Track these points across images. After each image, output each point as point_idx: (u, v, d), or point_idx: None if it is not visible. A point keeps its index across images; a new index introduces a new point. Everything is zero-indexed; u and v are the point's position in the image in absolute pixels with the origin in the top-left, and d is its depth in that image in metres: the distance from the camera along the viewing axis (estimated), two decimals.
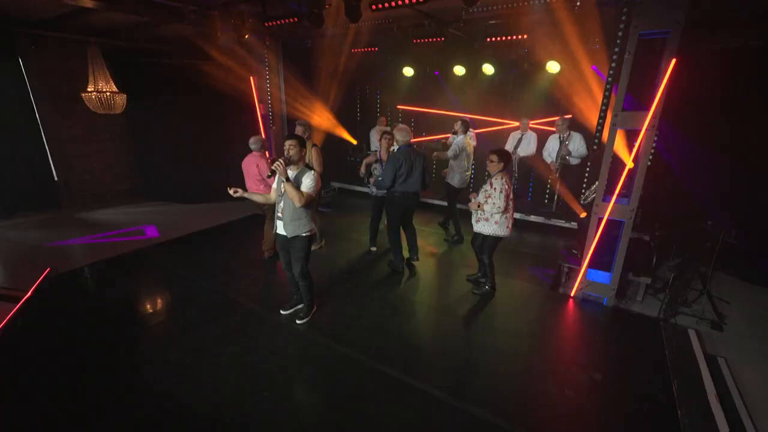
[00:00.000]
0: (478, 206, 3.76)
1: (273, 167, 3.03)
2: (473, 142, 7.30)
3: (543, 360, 3.19)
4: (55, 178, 7.86)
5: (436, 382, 2.87)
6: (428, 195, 7.14)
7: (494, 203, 3.63)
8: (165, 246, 5.49)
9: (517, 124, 6.97)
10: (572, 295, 4.11)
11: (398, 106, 8.48)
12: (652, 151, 4.02)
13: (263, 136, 5.29)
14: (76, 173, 8.10)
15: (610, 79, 3.27)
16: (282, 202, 3.23)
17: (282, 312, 3.74)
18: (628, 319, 3.86)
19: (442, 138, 7.53)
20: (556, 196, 6.50)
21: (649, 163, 3.40)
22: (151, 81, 8.22)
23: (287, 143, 3.16)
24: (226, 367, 3.00)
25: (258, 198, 3.49)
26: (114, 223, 6.63)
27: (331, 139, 8.19)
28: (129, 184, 8.85)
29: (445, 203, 6.29)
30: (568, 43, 5.90)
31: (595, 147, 3.49)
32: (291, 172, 3.22)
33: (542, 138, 6.59)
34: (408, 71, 7.84)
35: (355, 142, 8.94)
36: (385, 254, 5.22)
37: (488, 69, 6.94)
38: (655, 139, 3.70)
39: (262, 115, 6.09)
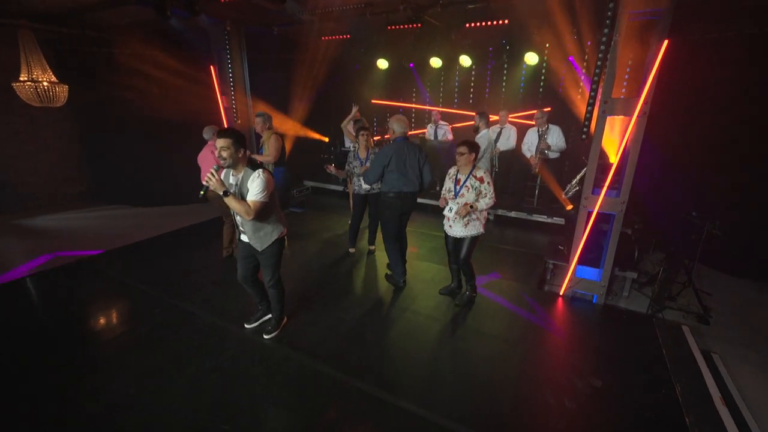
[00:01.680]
0: (471, 207, 3.31)
1: (205, 180, 2.46)
2: (449, 136, 7.09)
3: (537, 366, 2.94)
4: None
5: (423, 400, 2.55)
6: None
7: (490, 197, 3.29)
8: (113, 254, 4.90)
9: (496, 117, 6.79)
10: (561, 293, 3.91)
11: (372, 101, 8.14)
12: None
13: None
14: (16, 175, 7.24)
15: (599, 63, 3.06)
16: (238, 215, 2.74)
17: (246, 326, 3.31)
18: (620, 316, 3.69)
19: (419, 134, 7.26)
20: (536, 191, 6.37)
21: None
22: (101, 73, 7.49)
23: (219, 145, 2.54)
24: (179, 396, 2.55)
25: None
26: (57, 231, 5.91)
27: (302, 136, 7.76)
28: (78, 186, 8.05)
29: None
30: (546, 34, 5.77)
31: (583, 137, 3.28)
32: (233, 178, 2.72)
33: (522, 132, 6.43)
34: (382, 64, 7.52)
35: (326, 140, 8.53)
36: (364, 256, 4.87)
37: (465, 61, 6.72)
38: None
39: (225, 108, 5.58)
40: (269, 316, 3.33)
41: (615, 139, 3.37)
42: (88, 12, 5.75)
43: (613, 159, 4.16)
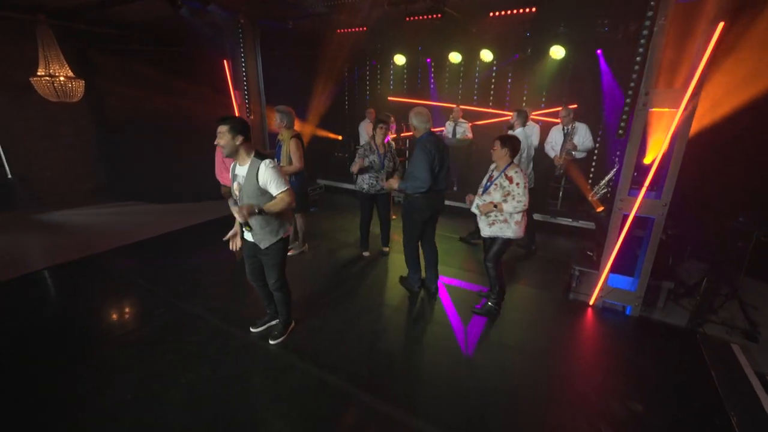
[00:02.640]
0: (495, 206, 3.11)
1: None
2: (469, 134, 6.80)
3: (566, 385, 2.65)
4: (9, 176, 7.08)
5: (437, 420, 2.30)
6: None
7: (519, 201, 3.02)
8: (123, 251, 4.81)
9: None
10: (591, 303, 3.59)
11: (389, 98, 7.92)
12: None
13: None
14: (34, 170, 7.32)
15: (641, 50, 2.75)
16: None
17: (252, 330, 3.12)
18: (657, 330, 3.35)
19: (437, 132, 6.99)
20: (560, 193, 6.02)
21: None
22: (118, 70, 7.51)
23: (217, 131, 2.41)
24: (174, 405, 2.38)
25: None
26: (73, 227, 5.90)
27: (315, 134, 7.60)
28: (95, 182, 8.09)
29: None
30: (574, 25, 5.42)
31: (620, 131, 2.97)
32: (240, 168, 2.54)
33: (545, 130, 6.09)
34: (400, 59, 7.29)
35: (340, 138, 8.34)
36: (377, 258, 4.64)
37: (486, 56, 6.43)
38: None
39: (237, 104, 5.45)
40: (276, 321, 3.14)
41: (659, 136, 3.04)
42: (104, 7, 5.72)
43: (650, 158, 3.81)
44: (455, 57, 6.71)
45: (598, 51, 5.88)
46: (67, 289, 3.88)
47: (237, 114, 5.50)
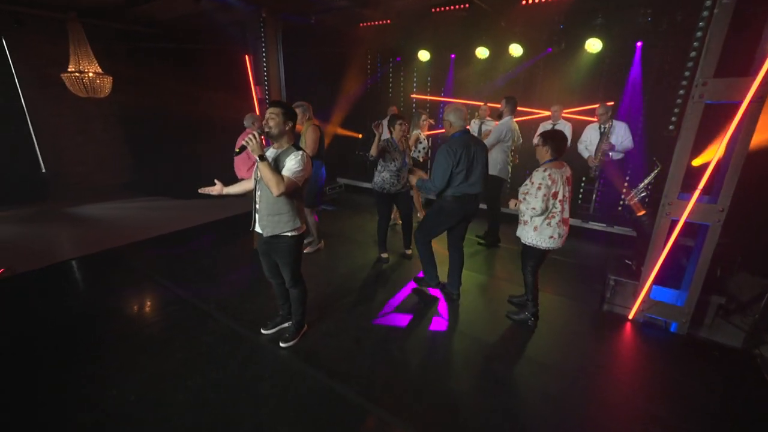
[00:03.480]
0: (515, 205, 2.94)
1: (245, 141, 2.30)
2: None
3: (607, 411, 2.36)
4: (43, 170, 7.34)
5: None
6: None
7: (528, 203, 2.79)
8: (143, 245, 4.82)
9: (547, 113, 6.12)
10: (630, 317, 3.26)
11: (412, 95, 7.71)
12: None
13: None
14: (66, 164, 7.57)
15: (699, 34, 2.42)
16: (259, 190, 2.50)
17: (263, 331, 2.99)
18: (707, 351, 2.98)
19: None
20: (594, 196, 5.63)
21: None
22: (145, 67, 7.67)
23: (268, 112, 2.45)
24: (179, 410, 2.26)
25: (236, 190, 2.75)
26: (99, 220, 6.01)
27: (335, 132, 7.48)
28: (123, 177, 8.29)
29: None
30: (613, 15, 5.04)
31: (671, 127, 2.65)
32: (272, 150, 2.52)
33: (577, 129, 5.71)
34: (424, 55, 7.06)
35: (359, 136, 8.19)
36: (398, 260, 4.44)
37: (516, 50, 6.10)
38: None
39: (258, 99, 5.39)
40: (288, 323, 3.00)
41: (713, 133, 2.70)
42: (131, 6, 5.80)
43: (702, 159, 3.44)
44: (482, 52, 6.41)
45: (638, 43, 5.46)
46: (84, 282, 3.89)
47: (257, 109, 5.44)
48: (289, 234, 2.51)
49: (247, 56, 5.30)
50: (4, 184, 6.66)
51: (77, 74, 5.66)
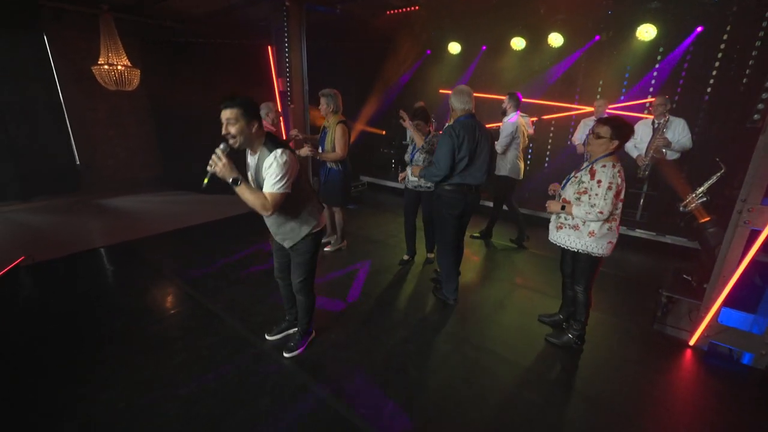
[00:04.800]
0: (562, 207, 2.48)
1: (209, 166, 1.91)
2: (530, 130, 6.02)
3: None
4: (77, 162, 7.57)
5: None
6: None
7: (594, 204, 2.32)
8: (161, 238, 4.76)
9: (590, 108, 5.58)
10: (692, 343, 2.76)
11: (440, 90, 7.32)
12: None
13: (279, 109, 4.28)
14: (99, 158, 7.76)
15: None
16: None
17: (267, 337, 2.76)
18: None
19: (494, 128, 6.28)
20: (642, 201, 5.04)
21: None
22: (176, 62, 7.73)
23: (224, 116, 1.93)
24: (168, 420, 2.05)
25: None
26: (127, 212, 6.09)
27: (359, 129, 7.22)
28: (153, 171, 8.42)
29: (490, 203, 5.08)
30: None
31: (756, 117, 2.17)
32: (251, 159, 2.14)
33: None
34: (454, 48, 6.67)
35: (383, 133, 7.89)
36: (419, 265, 4.11)
37: (556, 40, 5.60)
38: None
39: (280, 92, 5.22)
40: (294, 330, 2.75)
41: None
42: (159, 1, 5.81)
43: None
44: (518, 43, 5.95)
45: (698, 29, 4.84)
46: (97, 275, 3.82)
47: (278, 102, 5.26)
48: (306, 234, 2.25)
49: (270, 47, 5.14)
50: (42, 176, 6.88)
51: (107, 67, 5.73)
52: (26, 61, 6.40)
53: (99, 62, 5.72)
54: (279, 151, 2.00)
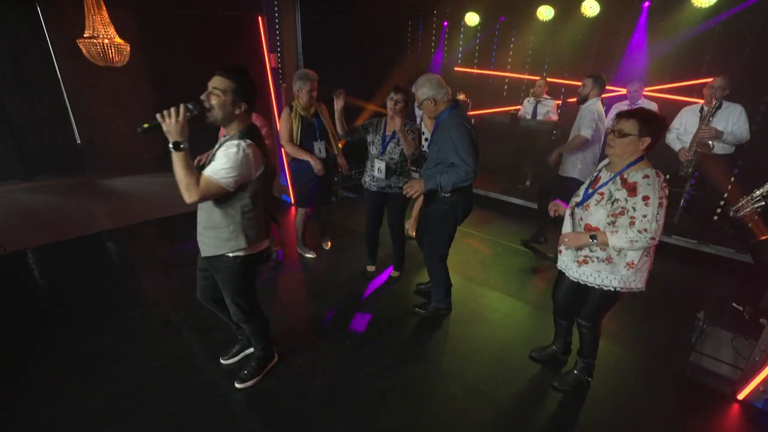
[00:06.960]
0: (594, 238, 1.82)
1: (158, 115, 1.57)
2: (553, 116, 5.31)
3: None
4: (78, 141, 7.39)
5: None
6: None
7: (643, 229, 1.70)
8: (144, 227, 4.50)
9: (623, 91, 4.81)
10: (740, 398, 2.21)
11: (456, 68, 6.60)
12: None
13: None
14: (100, 136, 7.57)
15: None
16: None
17: (222, 361, 2.39)
18: None
19: (511, 110, 5.57)
20: (682, 201, 4.34)
21: None
22: (179, 36, 7.30)
23: (211, 84, 1.68)
24: None
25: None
26: (123, 194, 5.91)
27: (361, 107, 6.58)
28: (155, 151, 8.19)
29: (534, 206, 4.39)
30: None
31: None
32: (220, 141, 1.80)
33: (667, 111, 4.36)
34: (472, 19, 5.92)
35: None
36: (408, 278, 3.64)
37: (590, 8, 4.79)
38: None
39: (271, 68, 4.71)
40: (252, 349, 2.36)
41: None
42: None
43: None
44: (545, 12, 5.16)
45: None
46: (61, 268, 3.54)
47: (270, 80, 4.76)
48: (230, 255, 1.81)
49: (260, 17, 4.61)
50: (41, 156, 6.75)
51: (93, 40, 5.37)
52: (20, 35, 6.16)
53: (85, 35, 5.35)
54: (243, 144, 1.67)
